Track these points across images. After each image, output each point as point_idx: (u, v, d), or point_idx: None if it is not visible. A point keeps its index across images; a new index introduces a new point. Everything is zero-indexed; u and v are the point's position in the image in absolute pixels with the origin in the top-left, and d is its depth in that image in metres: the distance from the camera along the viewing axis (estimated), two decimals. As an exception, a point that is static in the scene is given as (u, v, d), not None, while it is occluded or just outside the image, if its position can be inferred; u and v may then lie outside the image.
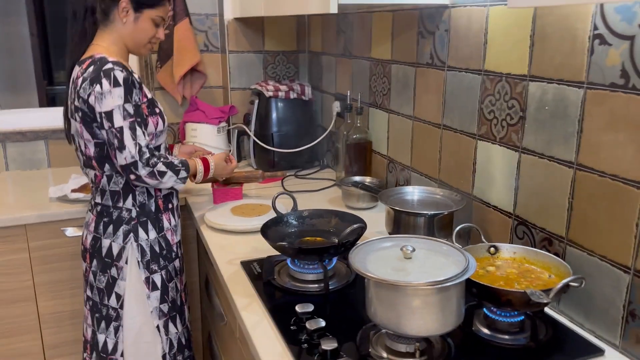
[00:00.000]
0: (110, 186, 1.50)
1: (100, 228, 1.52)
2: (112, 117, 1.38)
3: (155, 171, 1.42)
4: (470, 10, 1.35)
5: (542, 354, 1.02)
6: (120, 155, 1.39)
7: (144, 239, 1.52)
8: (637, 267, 0.98)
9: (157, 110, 1.51)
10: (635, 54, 0.95)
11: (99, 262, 1.53)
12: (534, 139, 1.19)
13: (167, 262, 1.57)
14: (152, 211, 1.54)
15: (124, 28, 1.48)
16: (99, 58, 1.41)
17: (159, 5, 1.49)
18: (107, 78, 1.38)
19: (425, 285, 0.90)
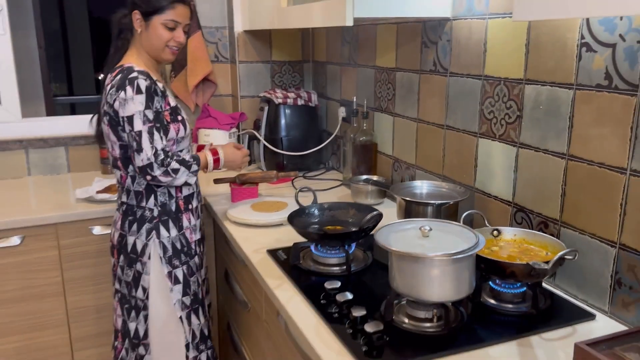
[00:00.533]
0: (134, 186, 1.62)
1: (125, 226, 1.64)
2: (133, 121, 1.50)
3: (169, 170, 1.52)
4: (471, 22, 1.51)
5: (542, 320, 1.17)
6: (137, 157, 1.50)
7: (165, 237, 1.63)
8: (622, 241, 1.14)
9: (180, 117, 1.62)
10: (616, 59, 1.11)
11: (125, 257, 1.65)
12: (530, 135, 1.35)
13: (189, 258, 1.68)
14: (172, 211, 1.64)
15: (142, 37, 1.60)
16: (127, 67, 1.55)
17: (166, 9, 1.57)
18: (130, 85, 1.50)
19: (443, 257, 1.05)
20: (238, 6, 2.46)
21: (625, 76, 1.10)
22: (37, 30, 3.57)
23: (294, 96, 2.39)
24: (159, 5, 1.57)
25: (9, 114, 2.41)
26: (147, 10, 1.58)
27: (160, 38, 1.59)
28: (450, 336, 1.10)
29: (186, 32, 1.66)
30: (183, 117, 1.65)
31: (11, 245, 1.89)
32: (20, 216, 1.90)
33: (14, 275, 1.92)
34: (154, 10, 1.57)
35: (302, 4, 1.83)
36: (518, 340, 1.10)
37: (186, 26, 1.64)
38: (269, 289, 1.34)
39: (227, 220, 1.80)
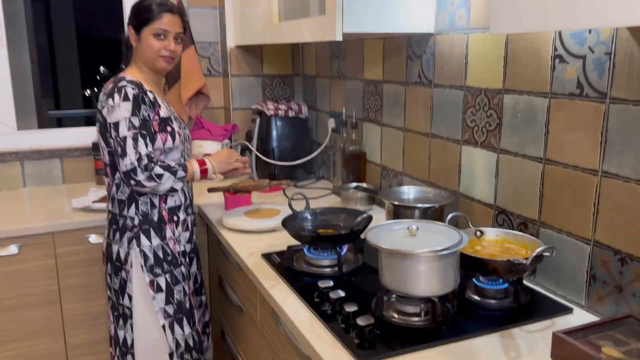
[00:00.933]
0: (118, 195, 1.65)
1: (110, 235, 1.68)
2: (118, 127, 1.53)
3: (152, 175, 1.52)
4: (453, 37, 1.61)
5: (523, 313, 1.24)
6: (122, 162, 1.52)
7: (146, 245, 1.64)
8: (596, 238, 1.22)
9: (169, 128, 1.63)
10: (586, 70, 1.21)
11: (111, 265, 1.68)
12: (509, 141, 1.44)
13: (172, 267, 1.67)
14: (155, 220, 1.65)
15: (137, 51, 1.65)
16: (119, 77, 1.60)
17: (154, 19, 1.61)
18: (118, 93, 1.55)
19: (429, 253, 1.13)
20: (230, 22, 2.54)
21: (595, 85, 1.19)
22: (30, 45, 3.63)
23: (285, 108, 2.46)
24: (147, 16, 1.61)
25: (4, 126, 2.45)
26: (137, 24, 1.63)
27: (152, 48, 1.62)
28: (437, 329, 1.17)
29: (178, 40, 1.66)
30: (174, 129, 1.65)
31: (9, 254, 1.93)
32: (18, 225, 1.95)
33: (12, 283, 1.95)
34: (143, 22, 1.62)
35: (292, 20, 1.91)
36: (500, 332, 1.17)
37: (177, 34, 1.66)
38: (265, 290, 1.40)
39: (221, 227, 1.86)
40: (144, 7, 1.63)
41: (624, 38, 1.12)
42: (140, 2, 1.66)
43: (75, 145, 2.50)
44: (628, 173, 1.14)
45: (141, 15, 1.62)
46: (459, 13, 1.57)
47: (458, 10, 1.57)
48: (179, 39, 1.67)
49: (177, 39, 1.66)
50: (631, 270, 1.15)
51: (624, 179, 1.14)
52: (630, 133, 1.12)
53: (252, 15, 2.30)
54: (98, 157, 2.45)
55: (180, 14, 1.67)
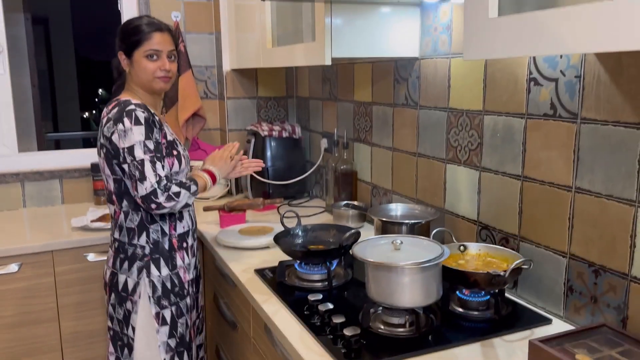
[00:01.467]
0: (127, 223, 1.60)
1: (117, 264, 1.63)
2: (134, 151, 1.49)
3: (170, 194, 1.50)
4: (436, 61, 1.69)
5: (503, 324, 1.29)
6: (141, 186, 1.48)
7: (155, 275, 1.60)
8: (572, 251, 1.29)
9: (175, 152, 1.61)
10: (559, 92, 1.28)
11: (116, 295, 1.64)
12: (490, 159, 1.51)
13: (179, 299, 1.65)
14: (165, 249, 1.62)
15: (133, 75, 1.62)
16: (123, 101, 1.57)
17: (143, 41, 1.57)
18: (128, 117, 1.51)
19: (412, 265, 1.19)
20: (226, 47, 2.64)
21: (567, 106, 1.26)
22: (30, 69, 3.73)
23: (279, 129, 2.54)
24: (136, 38, 1.58)
25: (6, 148, 2.52)
26: (127, 48, 1.59)
27: (146, 70, 1.59)
28: (421, 339, 1.22)
29: (172, 58, 1.63)
30: (180, 152, 1.64)
31: (9, 272, 1.98)
32: (18, 244, 2.00)
33: (12, 301, 2.00)
34: (133, 44, 1.58)
35: (285, 46, 2.00)
36: (481, 342, 1.22)
37: (170, 52, 1.62)
38: (257, 304, 1.46)
39: (216, 245, 1.92)
40: (132, 30, 1.59)
41: (592, 62, 1.20)
42: (126, 24, 1.63)
43: (74, 167, 2.57)
44: (599, 189, 1.20)
45: (130, 38, 1.59)
46: (441, 39, 1.65)
47: (440, 36, 1.65)
48: (172, 56, 1.64)
49: (170, 57, 1.62)
50: (604, 282, 1.21)
51: (595, 194, 1.21)
52: (600, 151, 1.19)
53: (247, 41, 2.39)
54: (97, 178, 2.51)
55: (169, 31, 1.64)
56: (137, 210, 1.60)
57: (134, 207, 1.60)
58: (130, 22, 1.63)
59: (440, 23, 1.65)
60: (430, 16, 1.69)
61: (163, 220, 1.63)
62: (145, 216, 1.60)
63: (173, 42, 1.64)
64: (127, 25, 1.62)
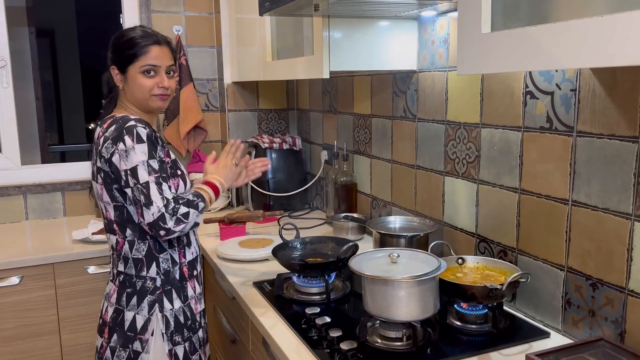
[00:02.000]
0: (133, 253, 1.44)
1: (123, 300, 1.45)
2: (137, 173, 1.34)
3: (179, 217, 1.35)
4: (434, 74, 1.70)
5: (502, 338, 1.29)
6: (147, 212, 1.33)
7: (168, 309, 1.46)
8: (569, 264, 1.28)
9: (179, 172, 1.49)
10: (555, 105, 1.29)
11: (119, 336, 1.45)
12: (487, 172, 1.51)
13: (192, 334, 1.52)
14: (176, 279, 1.48)
15: (127, 92, 1.47)
16: (120, 117, 1.40)
17: (139, 55, 1.42)
18: (129, 135, 1.35)
19: (408, 279, 1.19)
20: (227, 60, 2.66)
21: (563, 119, 1.27)
22: (34, 82, 3.77)
23: (280, 141, 2.55)
24: (132, 52, 1.41)
25: (9, 161, 2.54)
26: (121, 62, 1.44)
27: (142, 88, 1.43)
28: (418, 353, 1.22)
29: (171, 74, 1.48)
30: (183, 171, 1.52)
31: (10, 285, 1.99)
32: (19, 257, 2.01)
33: (12, 314, 2.01)
34: (128, 60, 1.42)
35: (285, 59, 2.02)
36: (479, 356, 1.22)
37: (169, 68, 1.46)
38: (255, 317, 1.46)
39: (216, 257, 1.92)
40: (126, 43, 1.43)
41: (587, 76, 1.20)
42: (120, 37, 1.46)
43: (76, 179, 2.59)
44: (595, 202, 1.20)
45: (124, 52, 1.42)
46: (438, 52, 1.66)
47: (438, 50, 1.66)
48: (171, 72, 1.48)
49: (169, 72, 1.47)
50: (602, 295, 1.21)
51: (592, 207, 1.21)
52: (596, 164, 1.20)
53: (247, 54, 2.41)
54: (98, 190, 2.52)
55: (167, 44, 1.48)
56: (143, 239, 1.44)
57: (139, 236, 1.44)
58: (124, 33, 1.46)
59: (438, 36, 1.66)
60: (428, 30, 1.70)
61: (172, 247, 1.48)
62: (153, 245, 1.45)
63: (172, 57, 1.49)
64: (121, 38, 1.45)
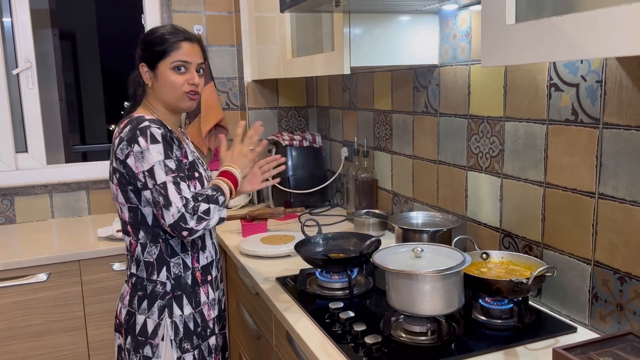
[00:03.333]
0: (145, 256, 1.43)
1: (134, 303, 1.45)
2: (154, 173, 1.31)
3: (200, 215, 1.32)
4: (456, 69, 1.69)
5: (528, 332, 1.28)
6: (167, 214, 1.30)
7: (177, 316, 1.44)
8: (596, 258, 1.27)
9: (197, 174, 1.45)
10: (580, 97, 1.27)
11: (132, 339, 1.44)
12: (511, 166, 1.50)
13: (201, 341, 1.49)
14: (188, 284, 1.46)
15: (155, 90, 1.44)
16: (136, 117, 1.38)
17: (171, 51, 1.39)
18: (143, 136, 1.33)
19: (433, 273, 1.18)
20: (247, 59, 2.67)
21: (588, 111, 1.25)
22: (58, 84, 3.84)
23: (300, 138, 2.56)
24: (162, 48, 1.39)
25: (35, 161, 2.59)
26: (151, 59, 1.41)
27: (174, 85, 1.40)
28: (443, 347, 1.21)
29: (200, 72, 1.45)
30: (201, 173, 1.48)
31: (38, 282, 2.03)
32: (46, 254, 2.05)
33: (41, 309, 2.05)
34: (159, 56, 1.40)
35: (305, 56, 2.02)
36: (505, 350, 1.21)
37: (199, 66, 1.44)
38: (279, 312, 1.47)
39: (238, 253, 1.94)
40: (157, 38, 1.41)
41: (613, 67, 1.18)
42: (150, 33, 1.44)
43: (100, 178, 2.63)
44: (623, 194, 1.18)
45: (155, 47, 1.40)
46: (460, 46, 1.65)
47: (460, 43, 1.65)
48: (201, 70, 1.45)
49: (198, 70, 1.44)
50: (630, 289, 1.19)
51: (619, 200, 1.19)
52: (623, 156, 1.18)
53: (267, 52, 2.43)
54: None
55: (199, 42, 1.46)
56: (155, 242, 1.43)
57: (152, 239, 1.43)
58: (155, 30, 1.45)
59: (459, 30, 1.65)
60: (449, 23, 1.69)
61: (185, 252, 1.46)
62: (165, 248, 1.43)
63: (203, 55, 1.47)
64: (152, 34, 1.43)
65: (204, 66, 1.47)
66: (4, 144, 2.53)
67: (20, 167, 2.57)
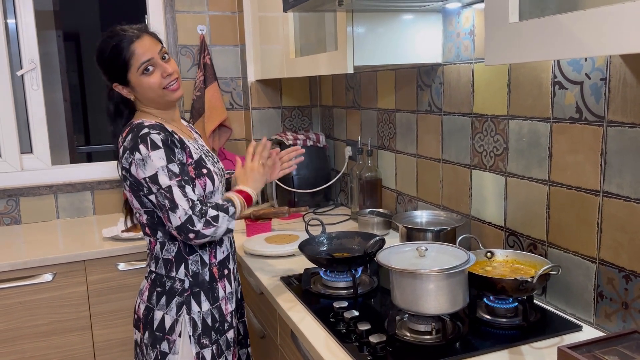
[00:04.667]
0: (163, 254, 1.46)
1: (153, 298, 1.47)
2: (158, 179, 1.33)
3: (208, 219, 1.34)
4: (459, 67, 1.69)
5: (533, 331, 1.28)
6: (174, 216, 1.32)
7: (196, 312, 1.46)
8: (601, 256, 1.26)
9: (205, 170, 1.46)
10: (584, 95, 1.27)
11: (150, 335, 1.46)
12: (516, 164, 1.50)
13: (219, 336, 1.50)
14: (206, 281, 1.47)
15: (140, 98, 1.45)
16: (136, 124, 1.40)
17: (129, 60, 1.38)
18: (144, 143, 1.34)
19: (437, 272, 1.18)
20: (251, 58, 2.68)
21: (593, 109, 1.25)
22: (62, 84, 3.85)
23: (304, 138, 2.56)
24: (121, 61, 1.38)
25: (40, 162, 2.60)
26: (119, 75, 1.41)
27: (152, 87, 1.41)
28: (447, 346, 1.21)
29: (166, 58, 1.44)
30: (210, 169, 1.47)
31: (44, 282, 2.04)
32: (51, 254, 2.06)
33: (46, 310, 2.06)
34: (122, 69, 1.40)
35: (308, 56, 2.02)
36: (509, 349, 1.21)
37: (161, 52, 1.42)
38: (283, 311, 1.47)
39: (243, 253, 1.94)
40: (110, 54, 1.39)
41: (617, 64, 1.18)
42: (101, 53, 1.42)
43: (105, 178, 2.64)
44: (627, 192, 1.18)
45: (115, 63, 1.40)
46: (464, 44, 1.65)
47: (463, 42, 1.65)
48: (165, 56, 1.44)
49: (163, 57, 1.43)
50: (635, 287, 1.18)
51: (624, 198, 1.19)
52: (628, 154, 1.17)
53: (271, 52, 2.43)
54: (126, 189, 2.57)
55: (145, 31, 1.43)
56: (174, 240, 1.45)
57: (169, 238, 1.45)
58: (102, 48, 1.42)
59: (463, 29, 1.65)
60: (453, 22, 1.69)
61: (203, 248, 1.48)
62: (183, 246, 1.46)
63: (157, 40, 1.45)
64: (103, 52, 1.41)
65: (164, 49, 1.45)
66: (9, 145, 2.54)
67: (26, 167, 2.58)
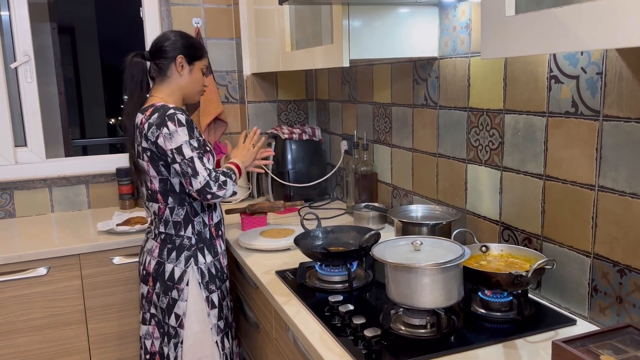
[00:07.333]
0: (173, 217, 1.74)
1: (164, 254, 1.75)
2: (182, 151, 1.63)
3: (220, 183, 1.66)
4: (455, 61, 1.68)
5: (527, 325, 1.28)
6: (195, 181, 1.63)
7: (202, 263, 1.76)
8: (596, 251, 1.26)
9: (208, 148, 1.77)
10: (580, 89, 1.26)
11: (161, 284, 1.75)
12: (511, 159, 1.50)
13: (221, 282, 1.82)
14: (207, 238, 1.79)
15: (182, 80, 1.78)
16: (160, 106, 1.68)
17: (204, 56, 1.83)
18: (171, 121, 1.64)
19: (432, 266, 1.18)
20: (246, 52, 2.66)
21: (589, 104, 1.25)
22: (57, 78, 3.83)
23: (299, 132, 2.55)
24: (200, 53, 1.81)
25: (34, 155, 2.59)
26: (190, 57, 1.78)
27: (199, 81, 1.82)
28: (442, 340, 1.21)
29: None
30: (211, 148, 1.80)
31: (38, 276, 2.03)
32: (46, 248, 2.05)
33: (41, 303, 2.05)
34: (197, 56, 1.79)
35: (304, 49, 2.01)
36: (504, 343, 1.21)
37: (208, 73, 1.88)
38: (278, 305, 1.47)
39: (238, 247, 1.93)
40: (197, 44, 1.82)
41: (613, 58, 1.18)
42: (190, 38, 1.82)
43: (100, 172, 2.63)
44: (623, 187, 1.18)
45: (196, 50, 1.79)
46: (460, 38, 1.64)
47: (459, 36, 1.65)
48: None
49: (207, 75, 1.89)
50: (630, 281, 1.19)
51: (619, 192, 1.19)
52: (623, 148, 1.17)
53: (266, 45, 2.41)
54: (122, 183, 2.57)
55: None
56: (182, 205, 1.74)
57: (179, 203, 1.74)
58: (191, 36, 1.84)
59: (459, 22, 1.64)
60: (449, 15, 1.68)
61: (204, 212, 1.78)
62: (190, 210, 1.75)
63: None
64: (191, 39, 1.82)
65: None
66: (3, 138, 2.52)
67: (20, 161, 2.57)
